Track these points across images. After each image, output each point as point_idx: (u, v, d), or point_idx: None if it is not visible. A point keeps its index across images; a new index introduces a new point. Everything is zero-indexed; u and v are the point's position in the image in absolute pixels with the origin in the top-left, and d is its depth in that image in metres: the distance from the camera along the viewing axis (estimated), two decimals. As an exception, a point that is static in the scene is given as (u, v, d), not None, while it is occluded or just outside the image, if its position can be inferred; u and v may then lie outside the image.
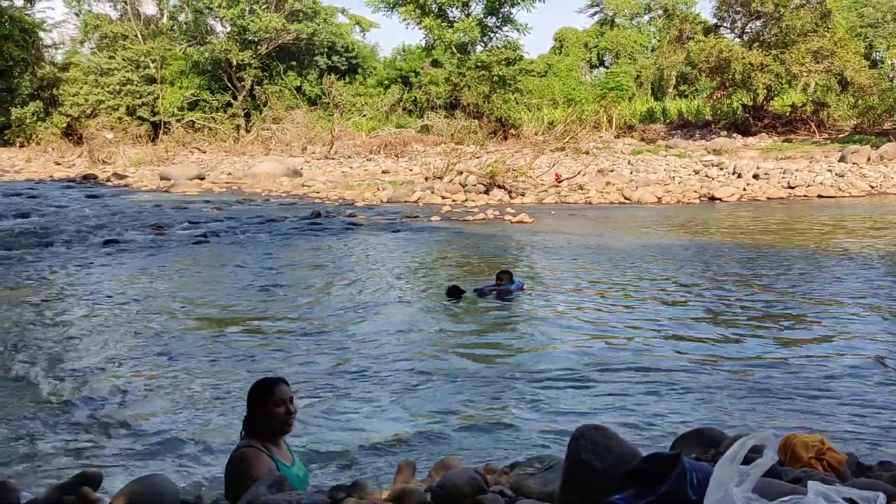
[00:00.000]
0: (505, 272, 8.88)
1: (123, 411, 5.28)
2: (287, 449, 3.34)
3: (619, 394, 5.44)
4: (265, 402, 3.23)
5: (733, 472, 1.81)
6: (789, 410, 5.05)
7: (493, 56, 40.28)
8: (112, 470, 4.19)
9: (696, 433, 3.04)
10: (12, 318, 8.00)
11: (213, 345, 6.93)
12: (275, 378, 3.35)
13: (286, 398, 3.24)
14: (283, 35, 42.08)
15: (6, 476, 4.05)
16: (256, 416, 3.24)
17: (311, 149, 35.58)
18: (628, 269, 10.61)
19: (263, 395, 3.25)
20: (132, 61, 43.00)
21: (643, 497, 2.09)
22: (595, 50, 51.08)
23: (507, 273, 8.86)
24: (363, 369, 6.14)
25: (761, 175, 22.02)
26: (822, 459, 2.64)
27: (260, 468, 3.04)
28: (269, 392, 3.24)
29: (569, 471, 2.40)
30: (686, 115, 40.43)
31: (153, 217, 16.86)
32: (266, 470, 3.04)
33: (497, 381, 5.81)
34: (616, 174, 23.63)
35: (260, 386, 3.29)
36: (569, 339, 7.05)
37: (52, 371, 6.20)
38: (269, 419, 3.22)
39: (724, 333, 7.18)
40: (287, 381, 3.33)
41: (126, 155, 34.09)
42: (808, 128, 33.58)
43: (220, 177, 27.54)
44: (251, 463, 3.07)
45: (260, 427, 3.23)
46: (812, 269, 10.44)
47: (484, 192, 20.21)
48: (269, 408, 3.22)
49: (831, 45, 31.61)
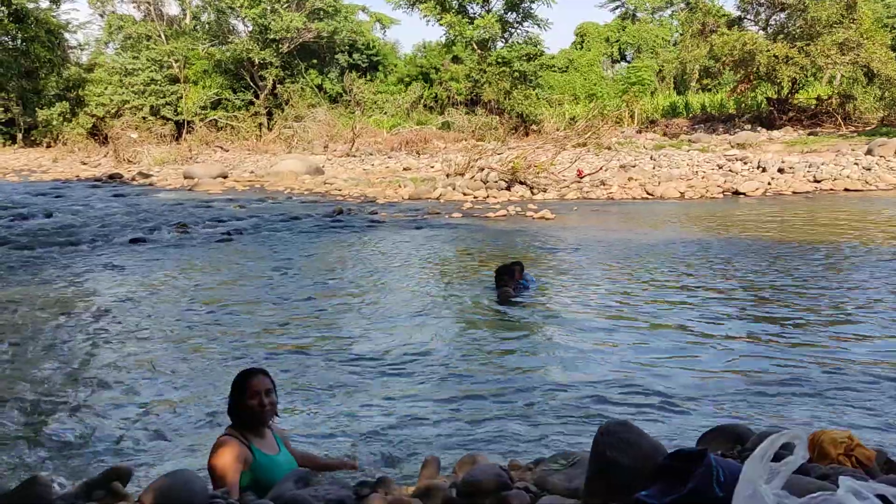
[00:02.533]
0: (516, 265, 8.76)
1: (152, 407, 5.34)
2: (273, 437, 3.44)
3: (643, 390, 5.41)
4: (240, 394, 3.35)
5: (763, 469, 1.80)
6: (816, 407, 4.99)
7: (513, 52, 40.19)
8: (141, 465, 4.25)
9: (722, 429, 3.03)
10: (41, 317, 8.13)
11: (239, 341, 6.99)
12: (252, 369, 3.46)
13: (261, 390, 3.34)
14: (305, 33, 42.30)
15: (38, 472, 4.12)
16: (233, 407, 3.36)
17: (332, 147, 35.74)
18: (653, 266, 10.54)
19: (239, 387, 3.37)
20: (156, 61, 43.47)
21: (669, 494, 2.08)
22: (617, 44, 50.78)
23: (517, 266, 8.76)
24: (386, 365, 6.16)
25: (786, 169, 21.76)
26: (851, 456, 2.62)
27: (226, 457, 3.14)
28: (243, 384, 3.36)
29: (594, 467, 2.40)
30: (709, 109, 40.07)
31: (178, 215, 17.02)
32: (235, 458, 3.15)
33: (521, 378, 5.80)
34: (638, 169, 23.48)
35: (237, 378, 3.41)
36: (593, 336, 7.02)
37: (81, 368, 6.29)
38: (244, 410, 3.33)
39: (751, 330, 7.12)
40: (266, 373, 3.45)
41: (150, 154, 34.45)
42: (834, 120, 33.13)
43: (242, 175, 27.73)
44: (218, 453, 3.17)
45: (237, 417, 3.35)
46: (842, 264, 10.31)
47: (505, 189, 20.16)
48: (243, 399, 3.33)
49: (857, 36, 31.15)
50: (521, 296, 8.53)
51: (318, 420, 5.08)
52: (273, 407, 3.39)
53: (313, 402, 5.38)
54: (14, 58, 39.30)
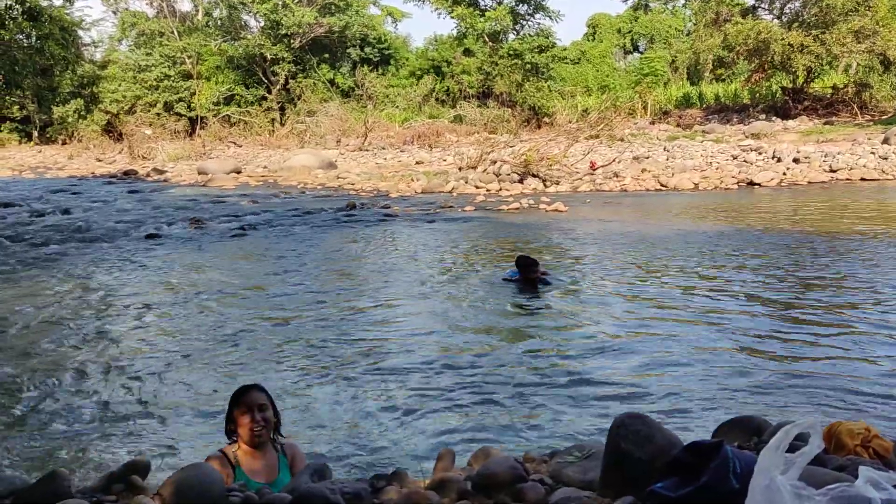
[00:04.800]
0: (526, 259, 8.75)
1: (170, 401, 5.38)
2: (278, 459, 3.24)
3: (659, 383, 5.40)
4: (231, 409, 3.21)
5: (779, 459, 1.79)
6: (833, 399, 4.96)
7: (525, 44, 40.06)
8: (159, 459, 4.29)
9: (738, 421, 3.01)
10: (59, 312, 8.20)
11: (255, 336, 7.03)
12: (245, 385, 3.30)
13: (254, 405, 3.16)
14: (316, 28, 42.35)
15: (57, 466, 4.17)
16: (228, 423, 3.24)
17: (345, 141, 35.80)
18: (667, 258, 10.50)
19: (232, 402, 3.23)
20: (169, 57, 43.68)
21: (685, 486, 2.08)
22: (629, 35, 50.45)
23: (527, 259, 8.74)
24: (400, 359, 6.18)
25: (802, 159, 21.59)
26: (868, 447, 2.59)
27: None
28: (235, 399, 3.22)
29: (609, 460, 2.39)
30: (723, 99, 39.76)
31: (192, 211, 17.12)
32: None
33: (536, 370, 5.80)
34: (652, 161, 23.37)
35: (233, 394, 3.27)
36: (608, 329, 7.01)
37: (97, 362, 6.35)
38: (234, 428, 3.20)
39: (767, 322, 7.08)
40: (261, 387, 3.28)
41: (164, 150, 34.66)
42: (850, 109, 32.80)
43: (255, 170, 27.84)
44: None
45: (232, 435, 3.22)
46: (859, 255, 10.21)
47: (518, 182, 20.12)
48: (234, 415, 3.20)
49: (873, 24, 30.77)
50: (538, 290, 8.53)
51: (332, 412, 5.10)
52: (268, 423, 3.19)
53: (328, 394, 5.41)
54: (29, 55, 39.52)
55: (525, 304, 8.11)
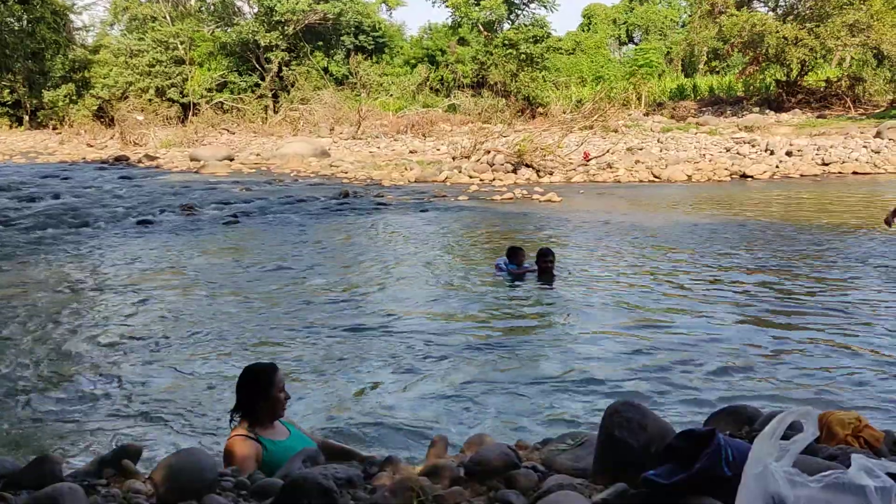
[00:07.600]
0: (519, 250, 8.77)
1: (161, 387, 5.37)
2: (282, 423, 3.40)
3: (652, 371, 5.42)
4: (268, 389, 3.29)
5: (772, 447, 1.80)
6: (824, 389, 4.99)
7: (520, 34, 39.90)
8: (151, 444, 4.28)
9: (731, 410, 3.02)
10: (51, 298, 8.17)
11: (246, 323, 7.01)
12: (271, 365, 3.42)
13: (283, 384, 3.35)
14: (310, 15, 42.07)
15: (49, 450, 4.16)
16: (256, 403, 3.29)
17: (338, 129, 35.65)
18: (661, 248, 10.52)
19: (265, 382, 3.31)
20: (161, 42, 43.33)
21: (678, 474, 2.08)
22: (624, 26, 50.40)
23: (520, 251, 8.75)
24: (394, 346, 6.18)
25: (794, 152, 21.64)
26: (859, 437, 2.61)
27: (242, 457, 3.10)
28: (270, 378, 3.32)
29: (602, 447, 2.40)
30: (717, 91, 39.79)
31: (184, 198, 17.04)
32: (251, 455, 3.12)
33: (529, 359, 5.81)
34: (645, 152, 23.37)
35: (260, 373, 3.34)
36: (603, 319, 7.03)
37: (89, 348, 6.33)
38: (272, 405, 3.30)
39: (760, 313, 7.10)
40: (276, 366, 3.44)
41: (157, 136, 34.44)
42: (844, 103, 32.87)
43: (248, 157, 27.71)
44: (233, 454, 3.14)
45: (258, 413, 3.29)
46: (849, 248, 10.26)
47: (511, 172, 20.10)
48: (272, 393, 3.29)
49: (867, 18, 30.82)
50: (527, 279, 8.54)
51: (324, 400, 5.10)
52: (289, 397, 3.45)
53: (321, 382, 5.40)
54: (20, 39, 39.20)
55: (517, 294, 8.12)
